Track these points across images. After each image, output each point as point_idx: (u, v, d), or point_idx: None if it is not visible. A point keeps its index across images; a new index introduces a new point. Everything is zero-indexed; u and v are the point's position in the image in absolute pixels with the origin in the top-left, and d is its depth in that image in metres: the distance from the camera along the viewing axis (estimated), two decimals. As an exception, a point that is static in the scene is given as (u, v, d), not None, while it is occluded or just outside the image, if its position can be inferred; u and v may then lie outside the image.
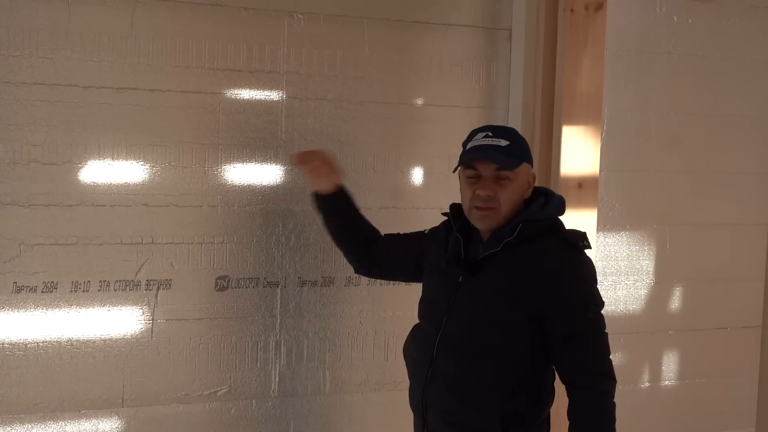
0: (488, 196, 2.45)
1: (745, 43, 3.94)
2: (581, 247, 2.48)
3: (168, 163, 3.13)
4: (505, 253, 2.45)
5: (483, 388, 2.42)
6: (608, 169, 3.69)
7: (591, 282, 2.48)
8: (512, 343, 2.42)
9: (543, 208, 2.51)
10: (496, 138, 2.48)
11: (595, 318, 2.42)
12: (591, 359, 2.41)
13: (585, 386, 2.39)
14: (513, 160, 2.46)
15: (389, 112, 3.41)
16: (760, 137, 3.96)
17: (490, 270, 2.46)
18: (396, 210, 3.43)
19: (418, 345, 2.61)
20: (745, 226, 3.98)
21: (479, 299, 2.47)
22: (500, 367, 2.42)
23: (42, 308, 3.03)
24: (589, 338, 2.41)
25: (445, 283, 2.54)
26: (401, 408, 3.41)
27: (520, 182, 2.49)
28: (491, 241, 2.49)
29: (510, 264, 2.45)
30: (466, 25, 3.50)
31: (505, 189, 2.45)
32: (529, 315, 2.41)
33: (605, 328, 2.46)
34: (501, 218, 2.47)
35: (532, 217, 2.48)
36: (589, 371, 2.40)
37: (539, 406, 2.47)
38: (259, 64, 3.22)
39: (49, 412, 3.06)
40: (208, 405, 3.25)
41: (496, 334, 2.43)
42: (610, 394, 2.39)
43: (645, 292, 3.89)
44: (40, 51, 2.96)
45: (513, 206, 2.48)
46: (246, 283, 3.26)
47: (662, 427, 3.95)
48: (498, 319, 2.43)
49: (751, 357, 3.87)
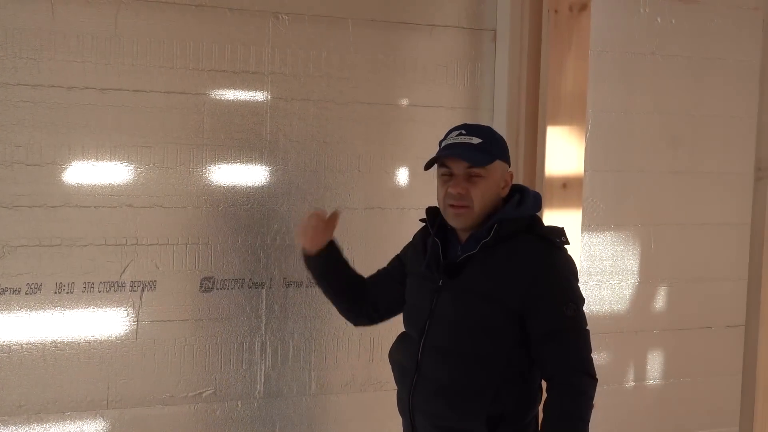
0: (459, 194, 2.43)
1: (728, 43, 3.96)
2: (559, 244, 2.47)
3: (152, 164, 3.12)
4: (483, 254, 2.43)
5: (468, 391, 2.41)
6: (592, 170, 3.70)
7: (570, 279, 2.46)
8: (496, 344, 2.41)
9: (518, 206, 2.49)
10: (468, 136, 2.46)
11: (575, 315, 2.40)
12: (570, 357, 2.39)
13: (562, 383, 2.37)
14: (484, 157, 2.43)
15: (374, 113, 3.41)
16: (744, 137, 3.97)
17: (469, 272, 2.45)
18: (381, 210, 3.43)
19: (403, 350, 2.60)
20: (728, 225, 4.00)
21: (460, 302, 2.45)
22: (485, 368, 2.40)
23: (26, 310, 3.01)
24: (569, 336, 2.40)
25: (426, 287, 2.53)
26: (386, 408, 3.41)
27: (494, 180, 2.47)
28: (469, 243, 2.48)
29: (488, 265, 2.43)
30: (451, 26, 3.50)
31: (477, 186, 2.43)
32: (510, 314, 2.40)
33: (586, 326, 2.44)
34: (475, 216, 2.45)
35: (507, 216, 2.46)
36: (568, 369, 2.38)
37: (526, 406, 2.46)
38: (243, 64, 3.21)
39: (33, 414, 3.05)
40: (193, 406, 3.24)
41: (478, 336, 2.42)
42: (586, 393, 2.37)
43: (629, 291, 3.91)
44: (24, 52, 2.95)
45: (486, 204, 2.46)
46: (231, 284, 3.25)
47: (646, 426, 3.96)
48: (478, 321, 2.42)
49: (734, 356, 3.89)
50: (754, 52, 3.90)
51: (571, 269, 2.49)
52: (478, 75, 3.55)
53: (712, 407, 4.03)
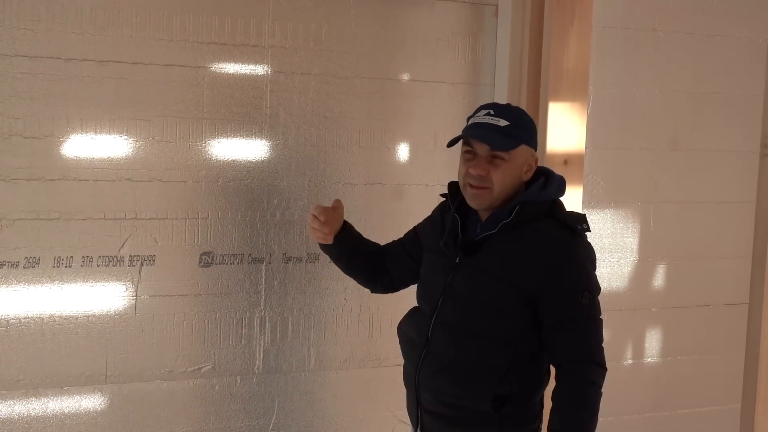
0: (480, 176, 2.40)
1: (730, 20, 3.94)
2: (579, 231, 2.43)
3: (152, 138, 3.09)
4: (502, 235, 2.41)
5: (476, 370, 2.40)
6: (593, 147, 3.69)
7: (587, 267, 2.42)
8: (507, 327, 2.39)
9: (542, 189, 2.45)
10: (496, 117, 2.41)
11: (589, 304, 2.37)
12: (581, 346, 2.38)
13: (571, 372, 2.35)
14: (508, 141, 2.39)
15: (375, 88, 3.38)
16: (745, 115, 3.96)
17: (487, 252, 2.42)
18: (381, 186, 3.41)
19: (414, 324, 2.58)
20: (728, 204, 3.99)
21: (474, 281, 2.43)
22: (494, 349, 2.39)
23: (24, 284, 2.99)
24: (581, 324, 2.37)
25: (443, 264, 2.50)
26: (386, 384, 3.44)
27: (517, 164, 2.42)
28: (489, 222, 2.45)
29: (506, 246, 2.40)
30: (452, 0, 3.47)
31: (498, 169, 2.39)
32: (523, 298, 2.38)
33: (600, 315, 2.41)
34: (493, 199, 2.42)
35: (530, 198, 2.42)
36: (578, 358, 2.36)
37: (532, 388, 2.45)
38: (244, 37, 3.18)
39: (31, 388, 3.04)
40: (192, 382, 3.23)
41: (490, 317, 2.40)
42: (595, 383, 2.36)
43: (628, 269, 3.90)
44: (21, 22, 2.91)
45: (506, 188, 2.42)
46: (230, 259, 3.24)
47: (645, 403, 3.97)
48: (492, 302, 2.40)
49: (732, 334, 3.92)
50: (756, 28, 3.91)
51: (589, 257, 2.45)
52: (479, 50, 3.52)
53: (710, 385, 4.04)
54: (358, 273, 2.80)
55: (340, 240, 2.66)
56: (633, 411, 3.94)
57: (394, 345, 2.71)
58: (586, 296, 2.37)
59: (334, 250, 2.71)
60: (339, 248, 2.70)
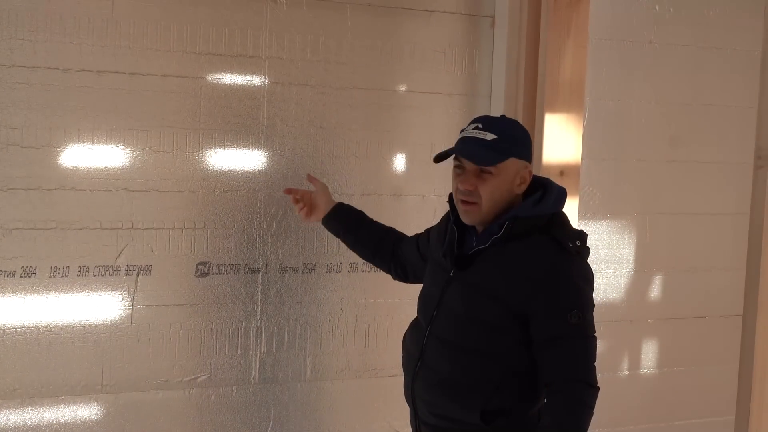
0: (468, 191, 2.38)
1: (726, 33, 3.95)
2: (570, 249, 2.36)
3: (148, 148, 3.10)
4: (493, 249, 2.39)
5: (466, 386, 2.38)
6: (589, 158, 3.70)
7: (579, 284, 2.36)
8: (496, 341, 2.37)
9: (537, 204, 2.41)
10: (483, 131, 2.38)
11: (579, 323, 2.32)
12: (570, 365, 2.32)
13: (559, 391, 2.31)
14: (494, 155, 2.35)
15: (372, 98, 3.39)
16: (740, 127, 3.97)
17: (478, 266, 2.40)
18: (378, 197, 3.42)
19: (411, 337, 2.58)
20: (725, 215, 4.00)
21: (465, 295, 2.42)
22: (484, 363, 2.37)
23: (20, 293, 3.00)
24: (570, 343, 2.32)
25: (440, 275, 2.50)
26: (382, 395, 3.44)
27: (506, 177, 2.39)
28: (483, 236, 2.43)
29: (496, 262, 2.38)
30: (449, 12, 3.49)
31: (486, 183, 2.37)
32: (511, 314, 2.35)
33: (593, 333, 2.37)
34: (484, 213, 2.39)
35: (522, 213, 2.39)
36: (567, 377, 2.31)
37: (526, 402, 2.42)
38: (241, 48, 3.19)
39: (27, 398, 3.04)
40: (188, 391, 3.23)
41: (480, 331, 2.38)
42: (585, 402, 2.30)
43: (625, 280, 3.91)
44: (20, 33, 2.92)
45: (496, 202, 2.39)
46: (227, 269, 3.24)
47: (640, 415, 3.97)
48: (483, 318, 2.38)
49: (729, 346, 3.92)
50: (751, 41, 3.92)
51: (582, 274, 2.39)
52: (476, 61, 3.54)
53: (706, 396, 4.05)
54: (357, 250, 2.97)
55: (328, 219, 2.94)
56: (629, 422, 3.94)
57: (391, 355, 2.72)
58: (576, 314, 2.31)
59: (331, 226, 2.96)
60: (329, 225, 2.97)
